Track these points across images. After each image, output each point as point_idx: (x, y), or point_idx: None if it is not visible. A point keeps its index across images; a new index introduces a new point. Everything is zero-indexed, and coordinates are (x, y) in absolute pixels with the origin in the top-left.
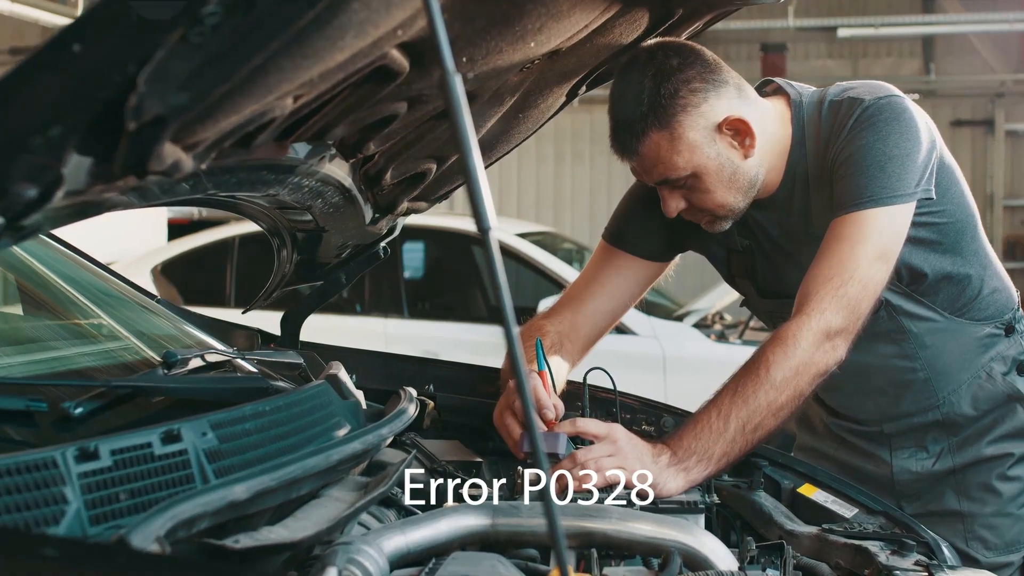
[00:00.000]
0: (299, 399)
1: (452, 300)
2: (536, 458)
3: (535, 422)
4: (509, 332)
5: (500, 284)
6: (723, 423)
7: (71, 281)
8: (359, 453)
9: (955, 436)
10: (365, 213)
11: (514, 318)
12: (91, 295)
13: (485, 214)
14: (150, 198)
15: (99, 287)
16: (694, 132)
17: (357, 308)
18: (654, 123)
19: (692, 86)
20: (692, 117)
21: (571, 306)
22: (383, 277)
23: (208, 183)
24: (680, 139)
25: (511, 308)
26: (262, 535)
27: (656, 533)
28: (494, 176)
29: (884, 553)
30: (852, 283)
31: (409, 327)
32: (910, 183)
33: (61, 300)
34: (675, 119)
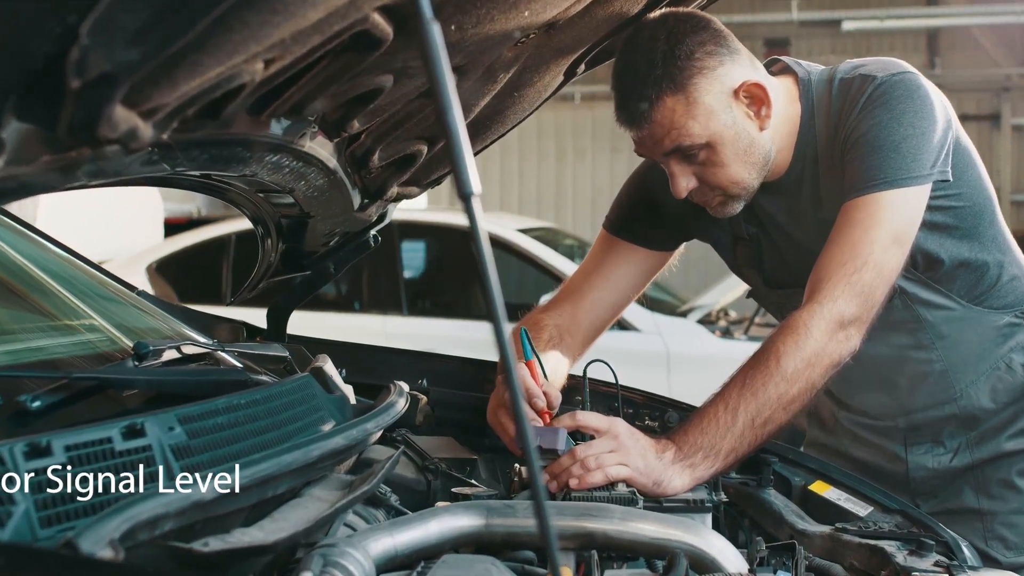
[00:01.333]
0: (279, 392)
1: (452, 297)
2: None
3: (524, 415)
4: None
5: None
6: (731, 417)
7: (45, 270)
8: (341, 449)
9: (973, 430)
10: (353, 198)
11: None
12: (66, 284)
13: (467, 178)
14: (110, 172)
15: (74, 276)
16: (711, 96)
17: (356, 306)
18: (669, 86)
19: (707, 48)
20: (709, 80)
21: (571, 299)
22: (382, 274)
23: (176, 158)
24: (697, 104)
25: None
26: (234, 537)
27: (660, 533)
28: (495, 172)
29: (901, 553)
30: (866, 269)
31: (409, 324)
32: (925, 164)
33: (32, 288)
34: (691, 82)
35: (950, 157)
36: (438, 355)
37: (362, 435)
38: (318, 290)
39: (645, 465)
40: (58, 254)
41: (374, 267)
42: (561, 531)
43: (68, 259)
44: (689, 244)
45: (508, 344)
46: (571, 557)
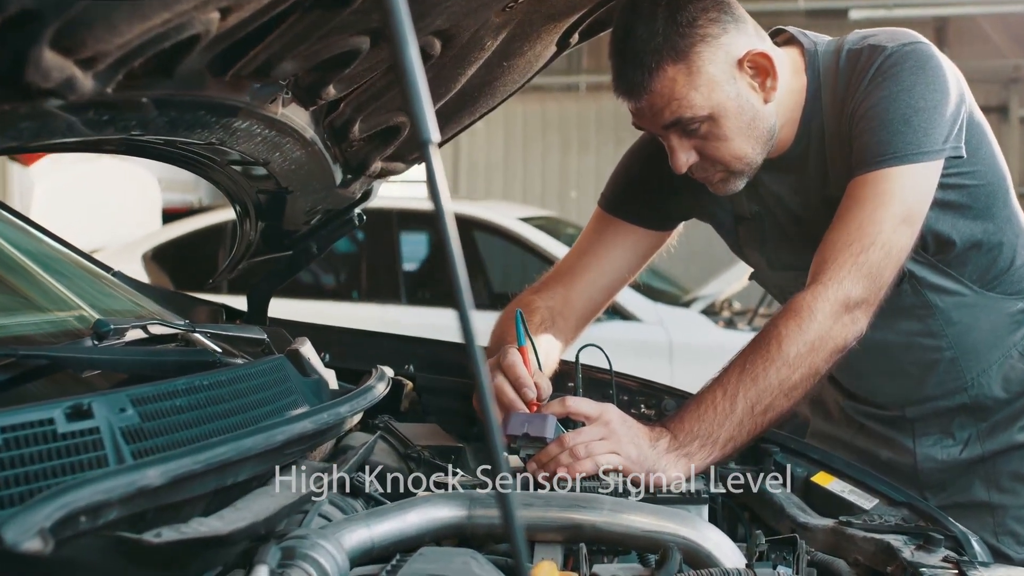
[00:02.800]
0: (247, 374)
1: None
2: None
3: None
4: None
5: (440, 203)
6: (729, 404)
7: (16, 247)
8: (310, 434)
9: (984, 421)
10: (334, 173)
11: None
12: (37, 263)
13: (425, 122)
14: (55, 131)
15: (47, 255)
16: (714, 66)
17: (354, 295)
18: (670, 54)
19: (711, 15)
20: (712, 49)
21: (564, 280)
22: (381, 264)
23: (128, 120)
24: (699, 73)
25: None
26: (191, 528)
27: (653, 526)
28: (498, 164)
29: (908, 548)
30: (873, 249)
31: (408, 314)
32: (937, 139)
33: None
34: (694, 50)
35: (963, 132)
36: (426, 340)
37: (334, 419)
38: (301, 270)
39: (638, 454)
40: (32, 234)
41: (373, 256)
42: (548, 523)
43: (41, 239)
44: (692, 234)
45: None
46: (558, 550)
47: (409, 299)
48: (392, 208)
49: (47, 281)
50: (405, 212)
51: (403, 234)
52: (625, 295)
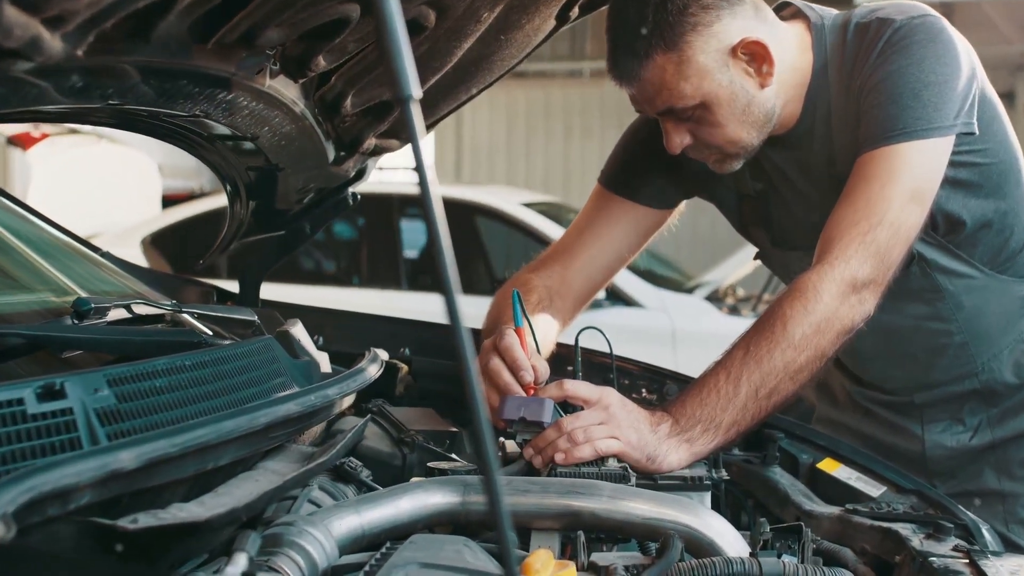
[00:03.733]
0: (232, 355)
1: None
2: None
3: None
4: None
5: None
6: (733, 387)
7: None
8: (295, 416)
9: (995, 407)
10: (327, 150)
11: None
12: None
13: (405, 78)
14: (26, 98)
15: (35, 235)
16: (705, 55)
17: (355, 281)
18: (659, 44)
19: (703, 2)
20: (703, 38)
21: (562, 259)
22: (381, 249)
23: (105, 87)
24: (689, 63)
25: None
26: (168, 513)
27: (653, 513)
28: (501, 150)
29: (917, 537)
30: (882, 227)
31: (409, 300)
32: (948, 114)
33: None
34: (683, 39)
35: (975, 108)
36: (422, 323)
37: (322, 402)
38: (294, 251)
39: (638, 439)
40: (19, 213)
41: (373, 242)
42: (545, 510)
43: (29, 219)
44: (697, 220)
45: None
46: (556, 538)
47: (410, 285)
48: (393, 193)
49: (33, 261)
50: (406, 197)
51: (404, 220)
52: (628, 281)
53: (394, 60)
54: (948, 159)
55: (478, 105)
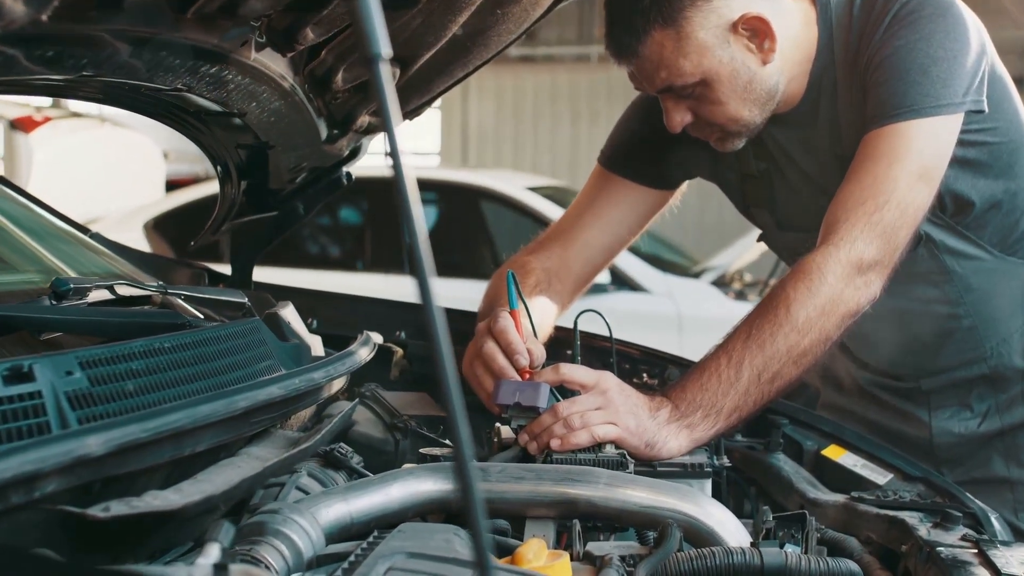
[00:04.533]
0: (216, 337)
1: (459, 257)
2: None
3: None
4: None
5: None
6: (734, 372)
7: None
8: (278, 400)
9: (1004, 393)
10: (319, 127)
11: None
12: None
13: (374, 35)
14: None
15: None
16: (704, 31)
17: (359, 265)
18: (658, 19)
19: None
20: (703, 13)
21: (561, 240)
22: (385, 233)
23: (79, 57)
24: (688, 39)
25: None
26: (143, 501)
27: (651, 501)
28: (508, 134)
29: (924, 526)
30: (888, 207)
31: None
32: (957, 91)
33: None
34: (682, 15)
35: (984, 85)
36: (419, 306)
37: (307, 385)
38: (287, 232)
39: (636, 424)
40: (6, 194)
41: (376, 225)
42: (539, 498)
43: (15, 198)
44: (705, 206)
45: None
46: (551, 527)
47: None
48: None
49: (18, 240)
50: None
51: None
52: (633, 265)
53: (361, 15)
54: (957, 137)
55: (485, 89)
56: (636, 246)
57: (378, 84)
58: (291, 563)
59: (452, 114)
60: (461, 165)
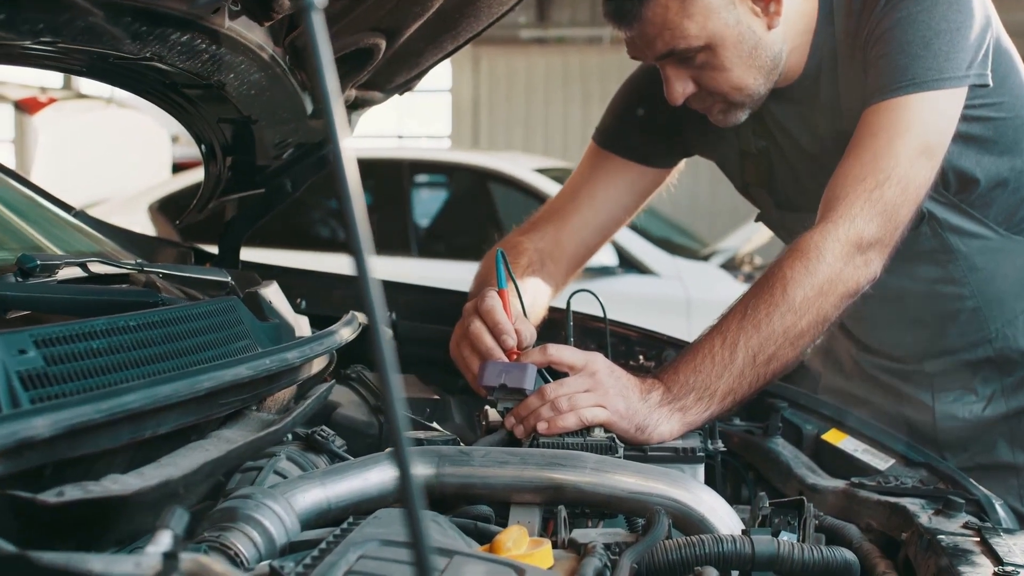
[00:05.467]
0: (187, 315)
1: (467, 239)
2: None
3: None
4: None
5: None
6: (729, 353)
7: None
8: (246, 381)
9: (1009, 376)
10: (304, 101)
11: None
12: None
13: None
14: None
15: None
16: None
17: None
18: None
19: None
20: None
21: (554, 220)
22: (391, 215)
23: (35, 21)
24: (693, 1)
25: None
26: (100, 486)
27: (640, 487)
28: (520, 116)
29: (926, 513)
30: (889, 184)
31: (419, 267)
32: (960, 64)
33: None
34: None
35: (989, 59)
36: (411, 286)
37: (278, 365)
38: (275, 209)
39: (626, 407)
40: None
41: (382, 207)
42: (524, 483)
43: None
44: (716, 186)
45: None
46: (536, 513)
47: (420, 252)
48: (404, 159)
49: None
50: (417, 163)
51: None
52: (642, 248)
53: None
54: (960, 112)
55: (496, 71)
56: (646, 229)
57: (311, 38)
58: (263, 550)
59: (463, 96)
60: (472, 147)
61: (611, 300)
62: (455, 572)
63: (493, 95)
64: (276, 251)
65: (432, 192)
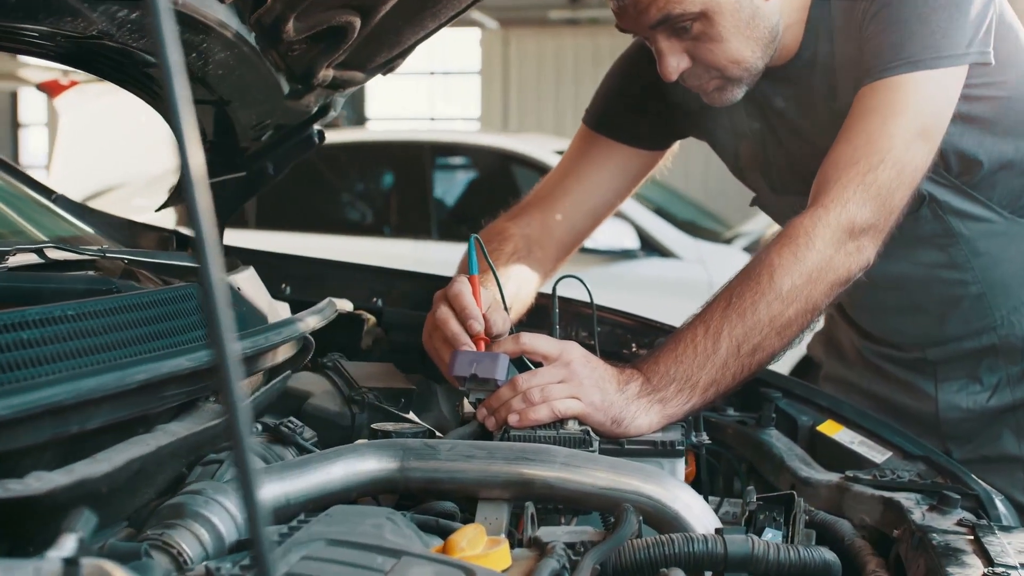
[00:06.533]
0: (134, 303)
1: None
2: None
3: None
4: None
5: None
6: (712, 343)
7: None
8: (185, 373)
9: (1015, 365)
10: (279, 82)
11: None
12: None
13: None
14: None
15: None
16: None
17: (385, 231)
18: None
19: None
20: None
21: (542, 205)
22: (412, 197)
23: None
24: None
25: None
26: (21, 484)
27: (612, 483)
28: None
29: (920, 509)
30: (883, 167)
31: (440, 250)
32: (960, 41)
33: None
34: None
35: (991, 36)
36: (401, 272)
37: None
38: (257, 193)
39: (602, 399)
40: None
41: (404, 189)
42: (490, 478)
43: None
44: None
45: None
46: (504, 509)
47: (441, 235)
48: (425, 141)
49: None
50: (437, 146)
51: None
52: (664, 231)
53: None
54: (960, 92)
55: (526, 53)
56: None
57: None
58: (210, 548)
59: (492, 78)
60: (502, 130)
61: (632, 284)
62: (400, 574)
63: (523, 77)
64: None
65: (454, 175)
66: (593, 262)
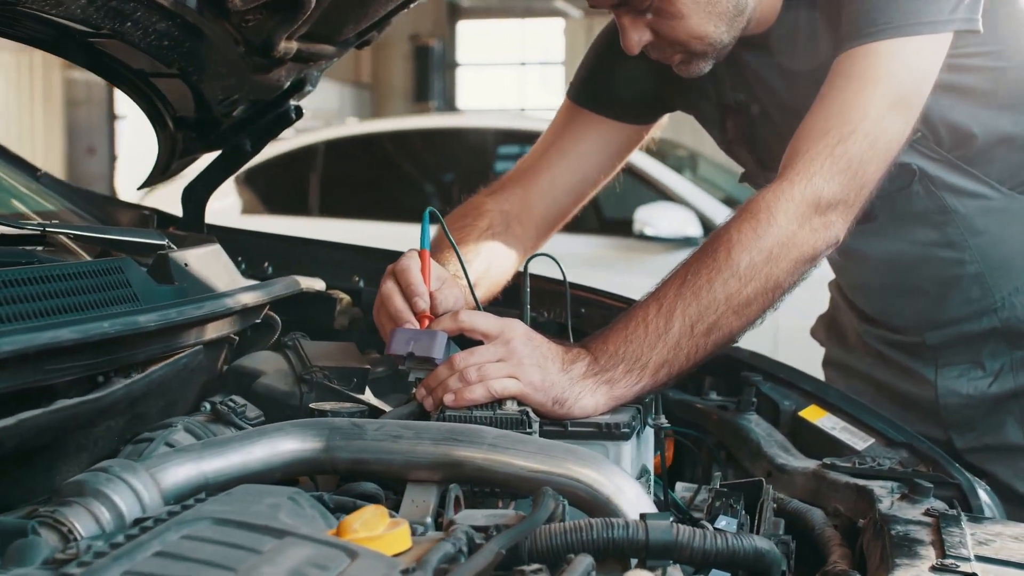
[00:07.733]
0: (53, 275)
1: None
2: None
3: None
4: None
5: None
6: (664, 322)
7: None
8: (69, 346)
9: (1019, 350)
10: (236, 54)
11: None
12: None
13: None
14: None
15: None
16: None
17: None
18: None
19: None
20: None
21: (523, 180)
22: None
23: None
24: None
25: None
26: None
27: (541, 465)
28: None
29: (891, 498)
30: (854, 138)
31: None
32: (943, 7)
33: None
34: None
35: (979, 2)
36: (384, 251)
37: (120, 330)
38: (237, 170)
39: (542, 379)
40: None
41: (466, 177)
42: (416, 459)
43: None
44: None
45: None
46: (433, 491)
47: None
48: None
49: None
50: (503, 131)
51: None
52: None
53: None
54: (942, 60)
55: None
56: (737, 199)
57: None
58: (109, 526)
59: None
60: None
61: (652, 269)
62: (276, 554)
63: None
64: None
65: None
66: (656, 250)
